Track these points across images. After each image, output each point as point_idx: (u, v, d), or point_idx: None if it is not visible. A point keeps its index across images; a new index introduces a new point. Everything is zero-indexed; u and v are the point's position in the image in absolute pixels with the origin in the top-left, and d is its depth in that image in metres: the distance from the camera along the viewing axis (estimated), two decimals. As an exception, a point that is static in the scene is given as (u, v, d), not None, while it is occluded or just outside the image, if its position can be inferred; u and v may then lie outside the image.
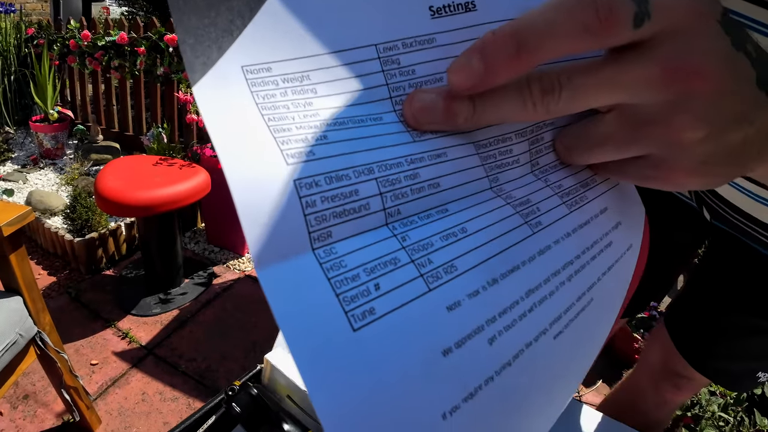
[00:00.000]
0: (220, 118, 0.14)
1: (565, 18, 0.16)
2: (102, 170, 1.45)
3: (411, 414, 0.14)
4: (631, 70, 0.18)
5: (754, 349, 0.68)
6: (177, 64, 2.44)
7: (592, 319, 0.21)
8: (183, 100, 1.93)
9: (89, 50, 2.70)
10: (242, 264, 2.02)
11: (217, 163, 1.84)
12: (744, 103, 0.18)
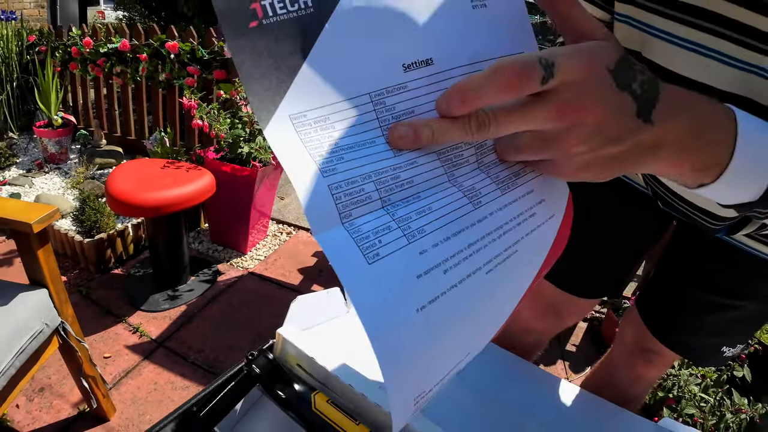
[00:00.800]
0: (283, 150, 0.25)
1: (496, 80, 0.26)
2: (112, 173, 1.52)
3: (398, 307, 0.25)
4: (536, 111, 0.27)
5: (714, 324, 0.76)
6: (178, 70, 2.50)
7: (518, 263, 0.32)
8: (187, 107, 1.99)
9: (91, 57, 2.76)
10: (245, 262, 2.09)
11: (221, 165, 1.92)
12: (620, 129, 0.28)
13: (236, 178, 1.94)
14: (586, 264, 0.84)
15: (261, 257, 2.17)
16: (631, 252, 0.84)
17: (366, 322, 0.24)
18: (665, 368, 0.95)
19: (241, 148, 1.94)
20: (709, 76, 0.46)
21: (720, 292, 0.72)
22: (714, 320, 0.76)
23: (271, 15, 0.25)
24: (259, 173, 1.96)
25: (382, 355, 0.25)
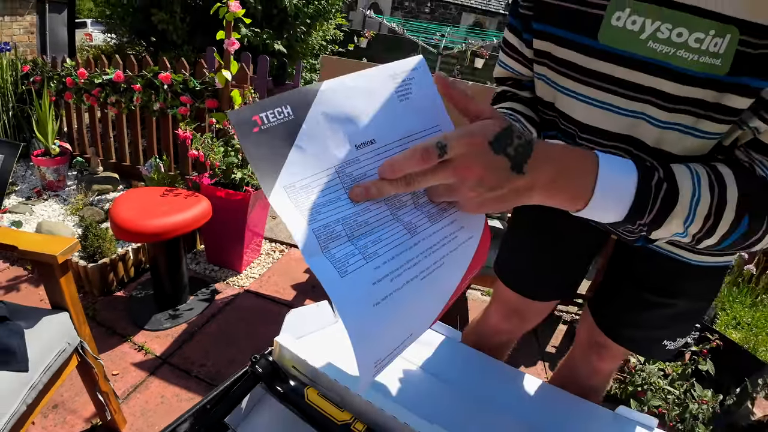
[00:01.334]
0: (281, 209, 0.39)
1: (411, 159, 0.41)
2: (115, 202, 1.64)
3: (361, 303, 0.40)
4: (440, 173, 0.43)
5: (652, 320, 0.89)
6: (171, 99, 2.63)
7: (445, 272, 0.47)
8: (182, 138, 2.12)
9: (86, 87, 2.85)
10: (240, 280, 2.21)
11: (216, 191, 2.05)
12: (497, 181, 0.43)
13: (231, 202, 2.06)
14: (541, 272, 0.98)
15: (255, 275, 2.29)
16: (579, 261, 0.98)
17: (341, 314, 0.39)
18: (617, 361, 1.05)
19: (234, 174, 2.07)
20: (606, 122, 0.61)
21: (653, 291, 0.85)
22: (652, 316, 0.88)
23: (266, 123, 0.40)
24: (252, 197, 2.09)
25: (352, 334, 0.39)
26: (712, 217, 0.49)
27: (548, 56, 0.62)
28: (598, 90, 0.59)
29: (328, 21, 6.09)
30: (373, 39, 7.96)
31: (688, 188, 0.48)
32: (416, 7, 14.96)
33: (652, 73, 0.53)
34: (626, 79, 0.55)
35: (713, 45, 0.47)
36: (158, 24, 4.33)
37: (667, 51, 0.50)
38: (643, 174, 0.47)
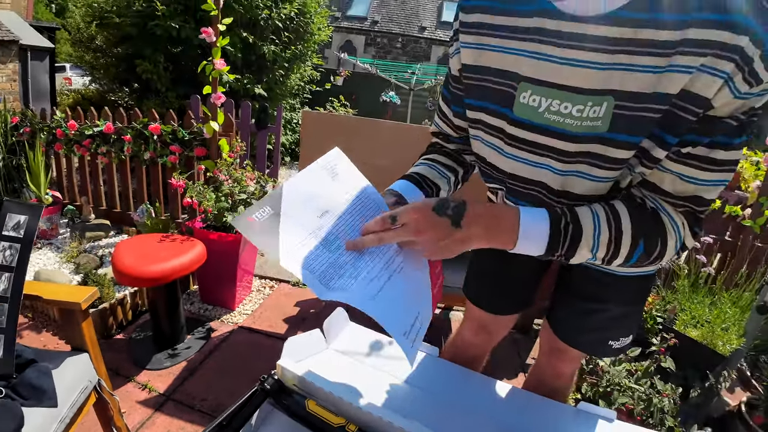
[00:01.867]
0: (288, 265, 0.59)
1: (375, 225, 0.63)
2: (116, 250, 1.78)
3: (366, 299, 0.61)
4: (398, 234, 0.63)
5: (594, 323, 1.05)
6: (161, 149, 2.79)
7: (410, 264, 0.70)
8: (175, 187, 2.27)
9: (77, 138, 2.98)
10: (234, 317, 2.32)
11: (208, 234, 2.20)
12: (442, 235, 0.62)
13: (223, 244, 2.21)
14: (501, 291, 1.16)
15: (248, 312, 2.41)
16: (530, 279, 1.15)
17: (361, 308, 0.58)
18: (575, 363, 1.20)
19: (226, 217, 2.23)
20: (524, 172, 0.79)
21: (589, 299, 1.02)
22: (593, 320, 1.04)
23: (258, 219, 0.61)
24: (243, 237, 2.24)
25: (377, 318, 0.59)
26: (613, 244, 0.66)
27: (482, 123, 0.80)
28: (517, 149, 0.77)
29: (305, 63, 6.39)
30: (348, 77, 8.30)
31: (590, 226, 0.66)
32: (388, 43, 15.56)
33: (551, 136, 0.70)
34: (534, 140, 0.73)
35: (592, 112, 0.63)
36: (142, 74, 4.52)
37: (558, 119, 0.67)
38: (553, 220, 0.65)
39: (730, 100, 0.57)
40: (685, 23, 0.55)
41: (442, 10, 15.86)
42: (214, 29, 2.34)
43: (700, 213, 0.68)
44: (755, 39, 0.53)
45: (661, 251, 0.68)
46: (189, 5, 4.48)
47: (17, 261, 0.98)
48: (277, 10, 5.09)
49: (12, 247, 0.97)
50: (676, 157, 0.64)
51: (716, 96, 0.57)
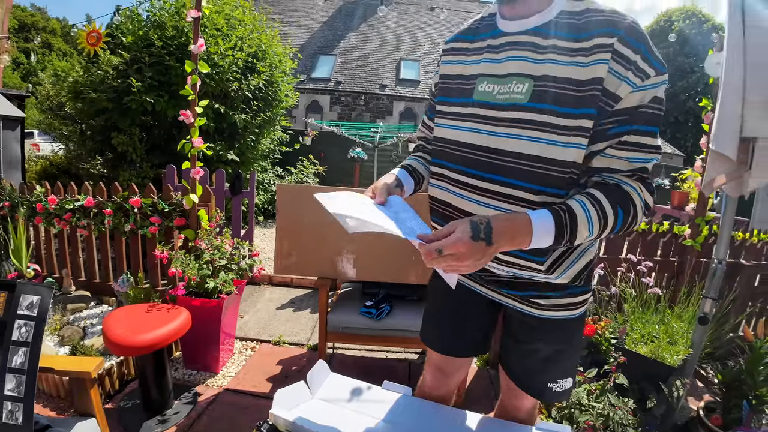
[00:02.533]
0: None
1: (426, 254, 0.83)
2: (106, 321, 1.87)
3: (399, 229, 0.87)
4: (445, 260, 0.82)
5: (530, 365, 1.19)
6: (141, 221, 2.91)
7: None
8: (158, 257, 2.40)
9: (57, 212, 2.99)
10: (219, 380, 2.39)
11: (191, 301, 2.31)
12: (481, 255, 0.82)
13: (206, 310, 2.32)
14: (452, 334, 1.30)
15: (231, 374, 2.48)
16: (480, 323, 1.29)
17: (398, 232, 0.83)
18: (530, 399, 1.27)
19: (208, 284, 2.35)
20: (474, 139, 1.02)
21: (522, 341, 1.19)
22: (529, 362, 1.19)
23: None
24: (225, 302, 2.36)
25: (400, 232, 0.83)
26: (602, 218, 0.88)
27: (444, 113, 1.10)
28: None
29: (274, 127, 6.71)
30: (316, 137, 8.70)
31: (581, 212, 0.87)
32: (352, 101, 16.33)
33: (501, 110, 0.96)
34: (494, 116, 0.98)
35: (518, 86, 0.93)
36: (118, 146, 4.68)
37: (502, 98, 0.96)
38: (555, 217, 0.87)
39: (631, 93, 0.85)
40: (591, 36, 0.86)
41: (400, 68, 16.93)
42: (192, 112, 2.57)
43: (647, 177, 0.92)
44: (632, 45, 0.84)
45: (634, 211, 0.90)
46: (163, 80, 4.75)
47: (32, 337, 1.10)
48: (246, 82, 5.44)
49: (27, 325, 1.10)
50: (618, 146, 0.89)
51: (619, 90, 0.85)
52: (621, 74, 0.84)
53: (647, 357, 2.03)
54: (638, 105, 0.87)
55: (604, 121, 0.87)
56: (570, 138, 0.88)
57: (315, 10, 19.57)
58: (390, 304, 2.46)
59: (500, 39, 0.98)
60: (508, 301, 1.16)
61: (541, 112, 0.90)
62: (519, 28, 0.96)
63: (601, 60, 0.84)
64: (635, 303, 2.35)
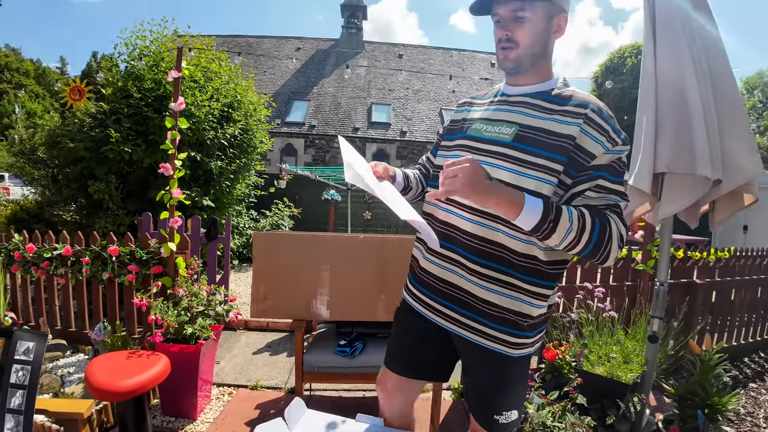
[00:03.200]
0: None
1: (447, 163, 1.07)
2: (89, 367, 1.91)
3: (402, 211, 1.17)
4: (451, 171, 1.05)
5: (477, 394, 1.29)
6: (119, 269, 2.96)
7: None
8: (138, 305, 2.46)
9: (35, 260, 3.00)
10: (197, 427, 2.41)
11: (170, 347, 2.37)
12: (479, 180, 1.04)
13: (184, 355, 2.37)
14: (403, 357, 1.42)
15: (210, 420, 2.49)
16: (432, 352, 1.39)
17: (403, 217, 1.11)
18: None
19: (186, 330, 2.41)
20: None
21: (468, 373, 1.30)
22: (475, 391, 1.30)
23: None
24: (202, 348, 2.42)
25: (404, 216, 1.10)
26: (581, 221, 1.03)
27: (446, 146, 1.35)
28: (459, 151, 1.26)
29: (249, 172, 6.87)
30: (290, 180, 8.89)
31: (566, 210, 1.03)
32: (326, 143, 16.75)
33: (488, 143, 1.19)
34: (477, 146, 1.21)
35: (505, 130, 1.17)
36: (95, 194, 4.71)
37: (492, 136, 1.19)
38: (545, 204, 1.02)
39: (604, 153, 1.09)
40: (570, 104, 1.14)
41: (372, 112, 17.57)
42: (172, 164, 2.71)
43: (620, 210, 1.11)
44: (604, 118, 1.11)
45: (610, 230, 1.06)
46: (140, 130, 4.89)
47: (29, 380, 1.19)
48: (222, 131, 5.63)
49: (24, 369, 1.19)
50: (595, 188, 1.09)
51: (595, 150, 1.09)
52: (596, 137, 1.09)
53: (604, 376, 2.19)
54: (609, 162, 1.10)
55: (583, 172, 1.10)
56: (538, 173, 1.09)
57: (288, 58, 20.31)
58: (363, 342, 2.56)
59: (501, 98, 1.27)
60: (459, 330, 1.26)
61: (519, 150, 1.13)
62: (517, 92, 1.24)
63: (574, 122, 1.10)
64: (592, 327, 2.53)
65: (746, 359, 3.78)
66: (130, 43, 5.40)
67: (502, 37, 1.19)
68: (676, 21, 1.69)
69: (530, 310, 1.19)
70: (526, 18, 1.15)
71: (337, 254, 2.42)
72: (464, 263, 1.20)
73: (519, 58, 1.19)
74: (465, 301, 1.22)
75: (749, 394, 3.13)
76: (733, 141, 1.65)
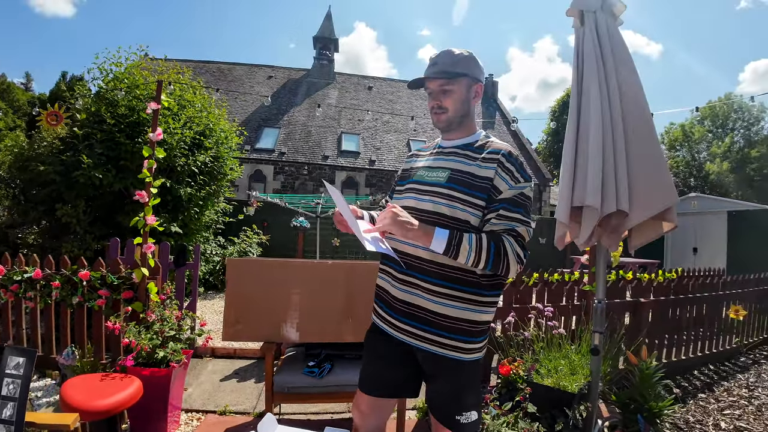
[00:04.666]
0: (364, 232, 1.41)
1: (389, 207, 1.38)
2: (64, 389, 1.96)
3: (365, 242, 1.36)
4: (391, 210, 1.36)
5: (440, 398, 1.47)
6: (89, 293, 2.98)
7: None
8: (111, 328, 2.51)
9: (4, 283, 2.97)
10: (167, 448, 2.43)
11: (141, 370, 2.42)
12: (405, 218, 1.34)
13: (155, 378, 2.42)
14: (371, 377, 1.58)
15: (179, 444, 2.52)
16: (411, 372, 1.55)
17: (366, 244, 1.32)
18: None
19: (157, 353, 2.47)
20: (418, 205, 1.48)
21: (431, 379, 1.48)
22: (438, 396, 1.47)
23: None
24: (173, 372, 2.47)
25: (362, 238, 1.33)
26: (479, 245, 1.29)
27: (398, 189, 1.58)
28: (409, 192, 1.51)
29: (218, 199, 6.91)
30: (259, 207, 8.94)
31: (467, 237, 1.30)
32: (296, 170, 16.86)
33: (428, 185, 1.45)
34: (420, 188, 1.47)
35: (441, 174, 1.45)
36: (62, 217, 4.65)
37: (431, 179, 1.46)
38: (450, 235, 1.30)
39: (508, 190, 1.37)
40: (487, 153, 1.43)
41: (341, 141, 17.91)
42: (147, 192, 2.81)
43: (518, 236, 1.35)
44: (511, 162, 1.39)
45: (504, 250, 1.31)
46: (112, 155, 4.90)
47: (20, 393, 1.27)
48: (194, 158, 5.70)
49: (14, 382, 1.28)
50: (498, 218, 1.36)
51: (502, 187, 1.37)
52: (504, 177, 1.38)
53: (552, 387, 2.40)
54: (511, 196, 1.38)
55: (492, 204, 1.38)
56: (466, 207, 1.39)
57: (260, 85, 20.56)
58: (331, 362, 2.68)
59: (438, 150, 1.57)
60: (421, 344, 1.46)
61: (451, 189, 1.41)
62: (450, 145, 1.55)
63: (491, 167, 1.40)
64: (543, 343, 2.76)
65: (696, 372, 4.12)
66: (103, 69, 5.47)
67: (434, 106, 1.51)
68: (593, 73, 2.01)
69: (479, 317, 1.43)
70: (451, 90, 1.48)
71: (307, 279, 2.57)
72: (422, 285, 1.43)
73: (448, 120, 1.51)
74: (426, 318, 1.43)
75: (698, 404, 3.41)
76: (642, 180, 1.96)
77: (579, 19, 2.12)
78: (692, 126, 32.51)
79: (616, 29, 2.09)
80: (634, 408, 2.39)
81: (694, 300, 4.17)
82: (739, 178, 28.64)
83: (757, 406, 3.43)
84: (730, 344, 4.61)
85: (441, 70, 1.47)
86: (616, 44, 2.05)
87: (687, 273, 5.01)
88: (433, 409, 1.51)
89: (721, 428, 3.00)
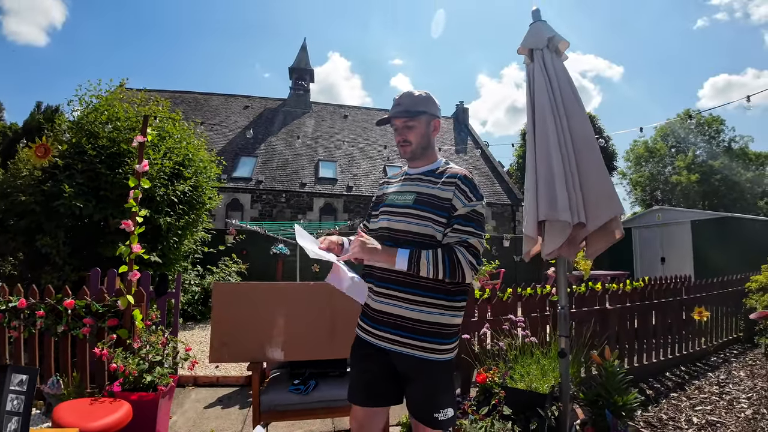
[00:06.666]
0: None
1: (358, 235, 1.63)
2: (56, 411, 2.01)
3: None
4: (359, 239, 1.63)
5: (418, 397, 1.62)
6: (73, 322, 3.00)
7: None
8: (98, 354, 2.56)
9: None
10: (154, 472, 2.46)
11: (129, 395, 2.46)
12: (372, 246, 1.57)
13: (143, 403, 2.47)
14: (360, 389, 1.72)
15: (166, 468, 2.55)
16: (393, 379, 1.69)
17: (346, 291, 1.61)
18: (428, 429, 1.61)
19: (145, 378, 2.53)
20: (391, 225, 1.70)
21: (409, 380, 1.63)
22: (416, 395, 1.62)
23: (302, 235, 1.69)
24: (160, 396, 2.53)
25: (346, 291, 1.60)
26: (436, 259, 1.51)
27: (374, 213, 1.79)
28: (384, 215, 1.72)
29: (197, 228, 6.94)
30: (239, 238, 8.97)
31: (425, 254, 1.52)
32: (273, 198, 16.91)
33: (398, 207, 1.68)
34: (392, 210, 1.69)
35: (408, 197, 1.67)
36: (42, 248, 4.62)
37: (401, 202, 1.68)
38: (410, 254, 1.53)
39: (462, 207, 1.58)
40: (446, 177, 1.67)
41: (319, 168, 18.12)
42: (133, 221, 2.91)
43: (469, 247, 1.55)
44: (466, 184, 1.63)
45: (458, 260, 1.51)
46: (92, 185, 4.93)
47: (23, 408, 1.36)
48: (173, 188, 5.77)
49: (18, 398, 1.37)
50: (452, 231, 1.57)
51: (457, 205, 1.59)
52: (460, 197, 1.60)
53: (524, 389, 2.56)
54: (465, 213, 1.60)
55: (449, 221, 1.59)
56: (431, 224, 1.60)
57: (236, 115, 20.72)
58: (316, 380, 2.77)
59: (406, 177, 1.80)
60: (399, 348, 1.62)
61: (417, 209, 1.63)
62: (415, 172, 1.77)
63: (450, 189, 1.62)
64: (516, 351, 2.93)
65: (668, 374, 4.34)
66: (83, 100, 5.55)
67: (400, 140, 1.75)
68: (546, 101, 2.28)
69: (450, 320, 1.61)
70: (413, 126, 1.72)
71: (292, 300, 2.68)
72: (399, 295, 1.61)
73: (413, 151, 1.75)
74: (403, 325, 1.60)
75: (671, 403, 3.59)
76: (592, 194, 2.20)
77: (529, 56, 2.39)
78: (656, 142, 34.18)
79: (561, 63, 2.37)
80: (602, 404, 2.56)
81: (659, 305, 4.43)
82: (706, 188, 30.10)
83: (728, 401, 3.60)
84: (700, 346, 4.87)
85: (404, 109, 1.72)
86: (561, 77, 2.33)
87: (653, 281, 5.31)
88: (412, 410, 1.65)
89: (694, 423, 3.17)
